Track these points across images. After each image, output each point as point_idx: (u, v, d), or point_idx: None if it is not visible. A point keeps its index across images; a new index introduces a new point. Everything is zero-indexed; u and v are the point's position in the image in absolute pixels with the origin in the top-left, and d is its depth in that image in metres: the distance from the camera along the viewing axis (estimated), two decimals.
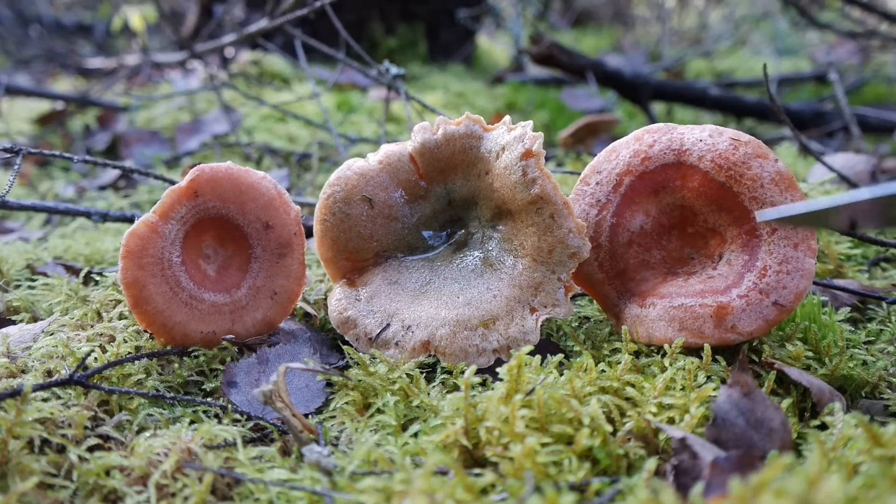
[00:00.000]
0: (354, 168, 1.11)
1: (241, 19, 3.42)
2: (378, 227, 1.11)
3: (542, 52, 2.86)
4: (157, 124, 2.69)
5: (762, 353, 0.99)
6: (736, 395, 0.82)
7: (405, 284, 1.09)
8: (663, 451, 0.82)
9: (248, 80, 2.98)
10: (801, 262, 0.95)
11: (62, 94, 3.05)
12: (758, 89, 3.59)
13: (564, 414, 0.82)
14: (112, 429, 0.89)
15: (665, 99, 2.95)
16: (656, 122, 1.10)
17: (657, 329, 0.98)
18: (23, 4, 5.52)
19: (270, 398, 0.84)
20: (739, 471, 0.71)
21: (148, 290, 1.02)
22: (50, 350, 1.01)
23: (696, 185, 1.03)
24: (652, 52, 4.60)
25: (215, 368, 1.04)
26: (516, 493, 0.72)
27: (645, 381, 0.89)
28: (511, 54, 3.95)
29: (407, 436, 0.86)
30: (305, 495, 0.76)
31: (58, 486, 0.80)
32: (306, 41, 2.05)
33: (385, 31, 3.56)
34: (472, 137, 1.08)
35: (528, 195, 1.01)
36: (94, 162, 1.41)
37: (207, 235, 1.10)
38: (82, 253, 1.51)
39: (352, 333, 1.06)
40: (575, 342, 1.03)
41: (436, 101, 2.86)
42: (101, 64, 3.96)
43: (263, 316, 1.09)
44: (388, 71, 1.92)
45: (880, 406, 0.94)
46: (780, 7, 4.35)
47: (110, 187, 2.20)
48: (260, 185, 1.10)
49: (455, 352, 0.99)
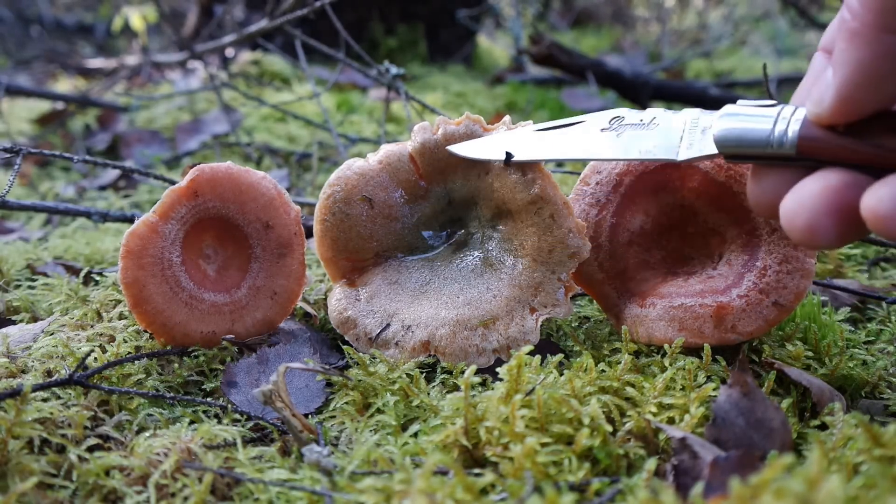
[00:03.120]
0: (354, 168, 1.11)
1: (242, 19, 3.42)
2: (378, 227, 1.11)
3: (542, 52, 2.86)
4: (158, 124, 2.69)
5: (762, 353, 0.99)
6: (736, 395, 0.82)
7: (405, 284, 1.09)
8: (663, 451, 0.82)
9: (248, 80, 2.98)
10: (801, 262, 0.95)
11: (62, 95, 3.05)
12: (758, 89, 3.59)
13: (564, 414, 0.82)
14: (112, 429, 0.89)
15: (665, 99, 2.95)
16: None
17: (657, 329, 0.98)
18: (23, 5, 5.52)
19: (270, 398, 0.84)
20: (739, 471, 0.70)
21: (148, 289, 1.02)
22: (50, 350, 1.01)
23: (695, 185, 1.03)
24: (652, 52, 4.60)
25: (215, 368, 1.04)
26: (516, 493, 0.72)
27: (645, 381, 0.89)
28: (511, 54, 3.95)
29: (407, 436, 0.86)
30: (305, 495, 0.76)
31: (57, 486, 0.80)
32: (306, 41, 2.05)
33: (385, 31, 3.56)
34: (472, 137, 1.07)
35: (527, 195, 1.01)
36: (94, 162, 1.41)
37: (207, 235, 1.10)
38: (82, 253, 1.51)
39: (352, 333, 1.06)
40: (575, 342, 1.03)
41: (436, 101, 2.86)
42: (102, 64, 3.96)
43: (263, 316, 1.09)
44: (388, 71, 1.92)
45: (880, 406, 0.94)
46: (780, 7, 4.35)
47: (110, 187, 2.20)
48: (260, 185, 1.10)
49: (455, 352, 0.99)
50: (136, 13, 4.07)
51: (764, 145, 0.74)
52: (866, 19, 0.65)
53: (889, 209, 0.62)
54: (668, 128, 0.86)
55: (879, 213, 0.63)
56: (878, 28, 0.65)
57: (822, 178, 0.69)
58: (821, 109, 0.70)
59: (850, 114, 0.69)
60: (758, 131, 0.75)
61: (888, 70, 0.66)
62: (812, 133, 0.72)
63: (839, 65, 0.68)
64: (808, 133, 0.72)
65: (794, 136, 0.72)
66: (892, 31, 0.65)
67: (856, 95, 0.68)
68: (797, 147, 0.72)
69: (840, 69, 0.68)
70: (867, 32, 0.65)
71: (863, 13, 0.65)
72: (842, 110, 0.69)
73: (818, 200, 0.67)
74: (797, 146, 0.72)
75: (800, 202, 0.69)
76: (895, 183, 0.63)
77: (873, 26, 0.65)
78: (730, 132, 0.77)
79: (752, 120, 0.76)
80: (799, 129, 0.72)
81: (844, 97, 0.68)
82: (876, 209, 0.63)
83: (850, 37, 0.66)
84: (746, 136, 0.76)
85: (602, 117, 0.93)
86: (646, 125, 0.88)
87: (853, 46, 0.66)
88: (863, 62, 0.66)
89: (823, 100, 0.70)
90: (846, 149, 0.69)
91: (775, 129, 0.74)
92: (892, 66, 0.66)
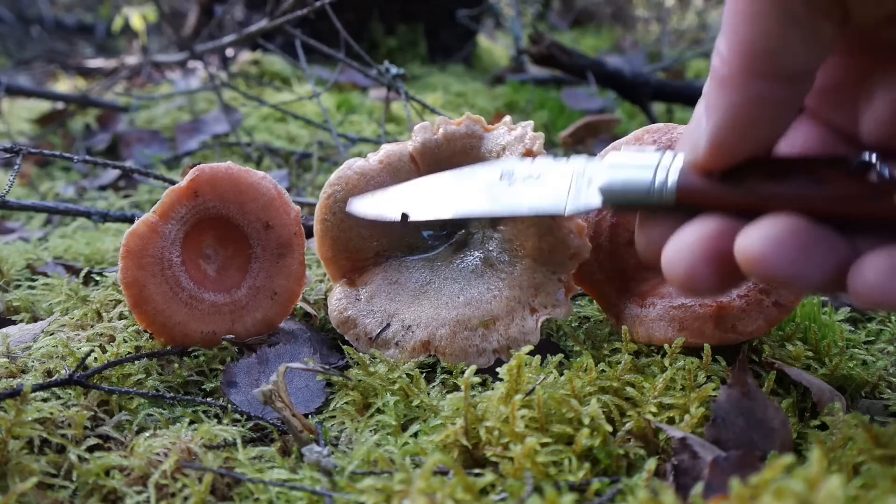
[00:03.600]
0: (355, 168, 1.11)
1: (242, 19, 3.42)
2: (378, 227, 1.11)
3: (542, 52, 2.86)
4: (158, 124, 2.69)
5: (762, 353, 0.99)
6: (736, 395, 0.82)
7: (405, 284, 1.09)
8: (663, 451, 0.82)
9: (248, 80, 2.98)
10: None
11: (63, 95, 3.05)
12: None
13: (564, 414, 0.82)
14: (112, 429, 0.89)
15: (665, 99, 2.95)
16: (656, 122, 1.10)
17: (657, 329, 0.98)
18: (23, 5, 5.52)
19: (270, 398, 0.84)
20: (739, 471, 0.70)
21: (148, 290, 1.02)
22: (50, 350, 1.01)
23: None
24: (652, 52, 4.60)
25: (215, 368, 1.04)
26: (516, 493, 0.72)
27: (645, 381, 0.89)
28: (511, 54, 3.95)
29: (407, 436, 0.86)
30: (305, 495, 0.76)
31: (57, 486, 0.80)
32: (306, 41, 2.06)
33: (385, 31, 3.56)
34: (473, 137, 1.07)
35: None
36: (94, 162, 1.41)
37: (207, 235, 1.10)
38: (82, 253, 1.51)
39: (352, 333, 1.06)
40: (575, 342, 1.03)
41: (436, 101, 2.86)
42: (102, 64, 3.97)
43: (263, 316, 1.09)
44: (388, 71, 1.92)
45: (880, 406, 0.94)
46: None
47: (110, 187, 2.20)
48: (260, 185, 1.10)
49: (455, 352, 0.99)
50: (136, 13, 4.07)
51: (646, 195, 0.74)
52: (735, 64, 0.65)
53: (758, 251, 0.62)
54: (556, 180, 0.85)
55: (749, 255, 0.62)
56: (747, 73, 0.65)
57: (699, 225, 0.68)
58: (695, 156, 0.70)
59: (723, 159, 0.69)
60: (639, 181, 0.74)
61: (758, 115, 0.66)
62: (690, 181, 0.71)
63: (711, 110, 0.68)
64: (687, 182, 0.71)
65: (673, 185, 0.72)
66: (759, 76, 0.65)
67: (727, 141, 0.67)
68: (676, 196, 0.71)
69: (712, 115, 0.67)
70: (736, 77, 0.65)
71: (731, 59, 0.65)
72: (715, 155, 0.68)
73: (695, 248, 0.67)
74: (676, 195, 0.71)
75: (678, 250, 0.68)
76: (765, 225, 0.63)
77: (742, 71, 0.65)
78: (613, 183, 0.76)
79: (634, 170, 0.75)
80: (678, 178, 0.72)
81: (716, 143, 0.68)
82: (746, 251, 0.63)
83: (720, 83, 0.66)
84: (629, 187, 0.75)
85: (493, 171, 0.92)
86: (535, 178, 0.88)
87: (723, 92, 0.66)
88: (732, 107, 0.66)
89: (698, 145, 0.69)
90: (722, 196, 0.69)
91: (656, 179, 0.73)
92: (761, 112, 0.66)
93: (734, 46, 0.65)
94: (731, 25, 0.65)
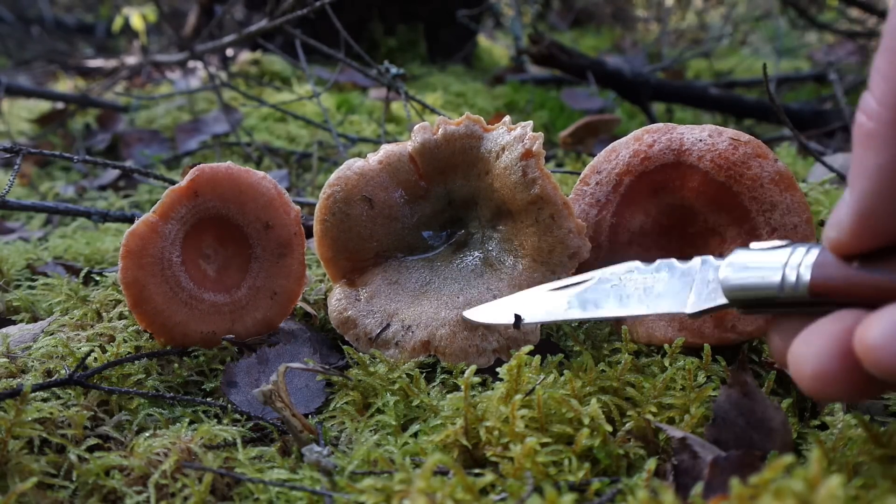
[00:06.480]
0: (354, 168, 1.10)
1: (242, 19, 3.42)
2: (378, 227, 1.11)
3: (542, 51, 2.86)
4: (158, 124, 2.69)
5: (762, 353, 0.99)
6: (736, 395, 0.82)
7: (405, 284, 1.09)
8: (663, 451, 0.82)
9: (248, 80, 2.98)
10: None
11: (63, 94, 3.05)
12: (757, 89, 3.59)
13: (564, 414, 0.82)
14: (112, 429, 0.89)
15: (665, 99, 2.95)
16: (656, 122, 1.10)
17: (657, 329, 0.98)
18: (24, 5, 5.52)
19: (270, 398, 0.84)
20: (739, 471, 0.70)
21: (148, 290, 1.02)
22: (50, 350, 1.01)
23: (695, 185, 1.03)
24: (652, 52, 4.60)
25: (215, 368, 1.04)
26: (516, 493, 0.72)
27: (645, 381, 0.89)
28: (511, 54, 3.95)
29: (407, 436, 0.86)
30: (305, 495, 0.76)
31: (57, 486, 0.80)
32: (306, 41, 2.05)
33: (385, 31, 3.56)
34: (472, 137, 1.07)
35: (528, 195, 1.01)
36: (94, 162, 1.41)
37: (207, 235, 1.10)
38: (82, 253, 1.51)
39: (352, 333, 1.06)
40: (575, 342, 1.03)
41: (436, 101, 2.86)
42: (102, 64, 3.97)
43: (263, 316, 1.09)
44: (388, 71, 1.92)
45: (880, 406, 0.94)
46: (780, 7, 4.35)
47: (110, 187, 2.20)
48: (260, 185, 1.10)
49: (455, 352, 0.99)
50: (136, 13, 4.07)
51: (775, 292, 0.67)
52: (884, 118, 0.55)
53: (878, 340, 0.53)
54: (675, 280, 0.82)
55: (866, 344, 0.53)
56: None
57: (831, 319, 0.60)
58: (838, 233, 0.60)
59: (873, 232, 0.58)
60: (767, 282, 0.68)
61: None
62: (825, 273, 0.63)
63: (856, 177, 0.58)
64: (821, 273, 0.64)
65: (805, 278, 0.64)
66: None
67: (879, 208, 0.57)
68: (809, 288, 0.64)
69: (858, 182, 0.57)
70: (886, 133, 0.55)
71: (880, 112, 0.55)
72: (863, 228, 0.58)
73: (825, 344, 0.58)
74: (809, 287, 0.64)
75: (807, 345, 0.60)
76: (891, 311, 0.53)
77: (894, 125, 0.55)
78: (737, 282, 0.72)
79: (761, 269, 0.70)
80: (811, 269, 0.64)
81: (863, 213, 0.57)
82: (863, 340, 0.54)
83: (866, 140, 0.57)
84: (755, 285, 0.70)
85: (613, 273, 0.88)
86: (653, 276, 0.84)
87: (871, 152, 0.56)
88: (883, 168, 0.55)
89: (842, 221, 0.60)
90: (862, 282, 0.60)
91: (785, 275, 0.67)
92: None
93: (887, 97, 0.55)
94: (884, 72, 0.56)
